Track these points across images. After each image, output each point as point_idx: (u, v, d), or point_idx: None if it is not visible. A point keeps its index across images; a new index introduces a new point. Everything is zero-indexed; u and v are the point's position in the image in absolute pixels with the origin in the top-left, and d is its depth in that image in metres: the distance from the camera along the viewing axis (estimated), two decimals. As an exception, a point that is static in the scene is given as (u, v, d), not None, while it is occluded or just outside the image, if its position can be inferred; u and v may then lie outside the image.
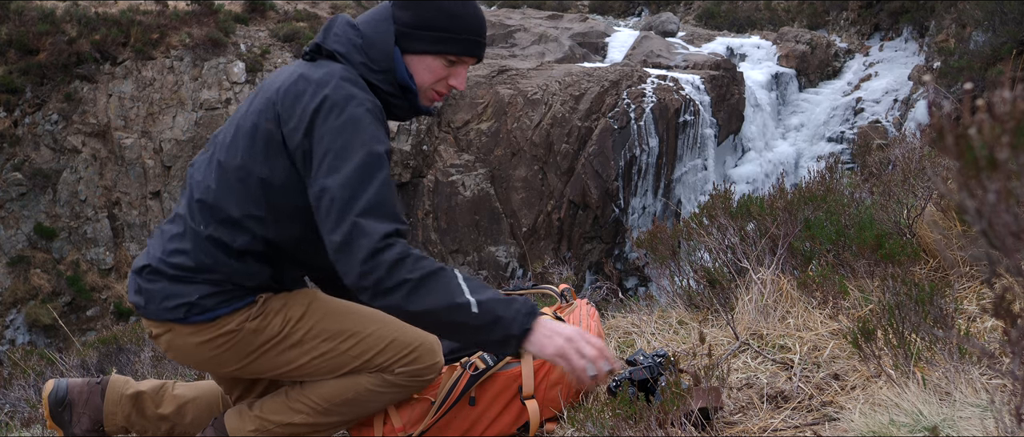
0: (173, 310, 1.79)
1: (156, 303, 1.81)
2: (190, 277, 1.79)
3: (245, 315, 1.82)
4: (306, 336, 1.85)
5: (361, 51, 1.80)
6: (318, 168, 1.66)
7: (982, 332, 2.03)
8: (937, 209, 2.51)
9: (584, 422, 1.79)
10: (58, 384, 2.13)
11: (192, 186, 1.86)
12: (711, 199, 3.21)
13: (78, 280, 11.24)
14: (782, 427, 1.74)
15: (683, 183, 11.97)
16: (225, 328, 1.81)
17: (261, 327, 1.83)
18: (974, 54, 10.09)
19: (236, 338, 1.82)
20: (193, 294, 1.78)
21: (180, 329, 1.82)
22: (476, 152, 11.75)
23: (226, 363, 1.87)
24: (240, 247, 1.79)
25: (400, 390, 1.92)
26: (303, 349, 1.85)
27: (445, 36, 1.83)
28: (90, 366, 4.51)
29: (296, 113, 1.71)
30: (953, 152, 0.74)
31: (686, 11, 18.74)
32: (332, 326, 1.87)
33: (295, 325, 1.85)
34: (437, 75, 1.86)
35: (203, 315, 1.79)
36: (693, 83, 12.10)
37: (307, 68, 1.79)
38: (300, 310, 1.87)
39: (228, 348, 1.83)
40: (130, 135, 11.71)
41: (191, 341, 1.83)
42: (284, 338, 1.84)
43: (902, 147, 3.81)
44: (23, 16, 11.74)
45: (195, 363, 1.92)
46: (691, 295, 2.87)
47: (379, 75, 1.80)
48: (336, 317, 1.89)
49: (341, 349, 1.86)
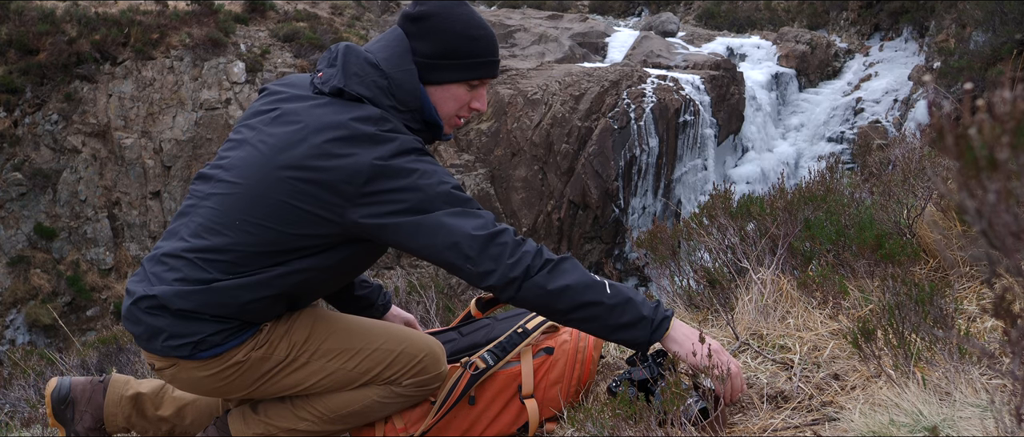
0: (178, 348, 1.73)
1: (160, 341, 1.73)
2: (198, 316, 1.72)
3: (251, 344, 1.79)
4: (313, 357, 1.84)
5: (388, 94, 1.74)
6: (415, 229, 1.64)
7: (982, 332, 2.03)
8: (937, 209, 2.51)
9: (584, 422, 1.79)
10: (61, 382, 2.14)
11: (201, 224, 1.74)
12: (711, 199, 3.21)
13: (78, 280, 11.24)
14: (782, 427, 1.74)
15: (683, 183, 11.97)
16: (232, 360, 1.78)
17: (268, 354, 1.81)
18: (974, 54, 10.09)
19: (243, 368, 1.80)
20: (200, 333, 1.72)
21: (185, 364, 1.78)
22: (476, 152, 11.75)
23: (234, 390, 1.85)
24: (259, 295, 1.73)
25: (407, 399, 1.93)
26: (310, 370, 1.84)
27: (469, 62, 1.81)
28: (90, 366, 4.50)
29: (348, 169, 1.63)
30: (953, 152, 0.74)
31: (686, 11, 18.74)
32: (338, 345, 1.85)
33: (301, 348, 1.83)
34: (461, 101, 1.85)
35: (210, 351, 1.75)
36: (693, 83, 12.10)
37: (341, 113, 1.69)
38: (304, 333, 1.84)
39: (235, 378, 1.81)
40: (130, 135, 11.71)
41: (197, 375, 1.79)
42: (291, 362, 1.83)
43: (902, 147, 3.81)
44: (23, 16, 11.74)
45: (202, 392, 1.89)
46: (691, 295, 2.86)
47: (407, 115, 1.77)
48: (341, 335, 1.86)
49: (348, 367, 1.85)
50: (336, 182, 1.64)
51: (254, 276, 1.71)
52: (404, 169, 1.64)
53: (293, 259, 1.73)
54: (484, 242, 1.65)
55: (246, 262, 1.71)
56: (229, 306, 1.72)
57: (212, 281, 1.70)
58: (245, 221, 1.70)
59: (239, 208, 1.71)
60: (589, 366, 2.11)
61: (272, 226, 1.69)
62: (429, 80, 1.80)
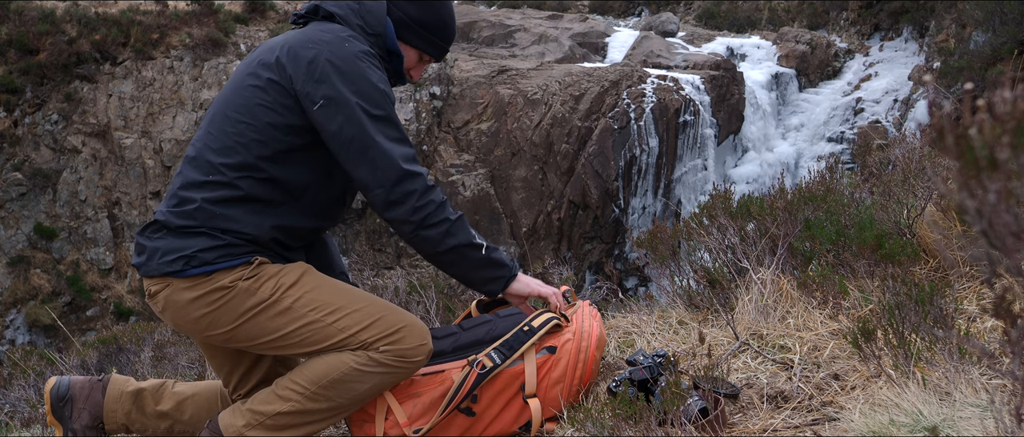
0: (172, 263, 1.83)
1: (156, 259, 1.85)
2: (193, 229, 1.84)
3: (240, 273, 1.86)
4: (295, 304, 1.87)
5: (357, 15, 1.95)
6: (346, 122, 1.80)
7: (982, 332, 2.03)
8: (937, 209, 2.51)
9: (584, 422, 1.79)
10: (61, 381, 2.17)
11: (193, 147, 1.94)
12: (711, 199, 3.21)
13: (78, 280, 11.23)
14: (782, 427, 1.74)
15: (683, 183, 11.97)
16: (219, 283, 1.84)
17: (253, 288, 1.86)
18: (974, 54, 10.09)
19: (228, 296, 1.85)
20: (193, 247, 1.83)
21: (177, 284, 1.86)
22: (476, 152, 11.74)
23: (217, 324, 1.88)
24: (245, 192, 1.85)
25: (387, 372, 1.90)
26: (291, 317, 1.87)
27: (434, 40, 2.06)
28: (90, 366, 4.50)
29: (306, 67, 1.82)
30: (953, 152, 0.74)
31: (686, 11, 18.74)
32: (321, 297, 1.90)
33: (286, 291, 1.88)
34: (409, 65, 2.07)
35: (200, 268, 1.83)
36: (693, 83, 12.10)
37: (310, 31, 1.90)
38: (293, 278, 1.90)
39: (220, 306, 1.85)
40: (130, 135, 11.71)
41: (186, 297, 1.85)
42: (274, 303, 1.86)
43: (902, 147, 3.81)
44: (23, 16, 11.73)
45: (189, 324, 1.91)
46: (691, 295, 2.86)
47: (371, 38, 1.95)
48: (327, 290, 1.92)
49: (328, 321, 1.87)
50: (296, 69, 1.84)
51: (237, 185, 1.86)
52: (357, 65, 1.83)
53: (265, 163, 1.86)
54: (403, 177, 1.83)
55: (226, 170, 1.86)
56: (218, 218, 1.84)
57: (202, 198, 1.85)
58: (223, 130, 1.88)
59: (218, 120, 1.91)
60: (591, 366, 2.11)
61: (244, 120, 1.86)
62: (399, 36, 2.02)
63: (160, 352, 4.61)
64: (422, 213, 1.84)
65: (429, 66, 12.27)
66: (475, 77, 12.08)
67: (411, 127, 11.62)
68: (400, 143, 1.85)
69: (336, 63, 1.82)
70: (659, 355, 1.95)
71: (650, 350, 2.37)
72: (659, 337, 2.60)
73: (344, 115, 1.80)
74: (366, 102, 1.82)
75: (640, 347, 2.47)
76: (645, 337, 2.62)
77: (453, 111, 12.02)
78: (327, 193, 1.98)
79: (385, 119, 1.84)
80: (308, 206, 1.95)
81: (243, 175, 1.86)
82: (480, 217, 11.52)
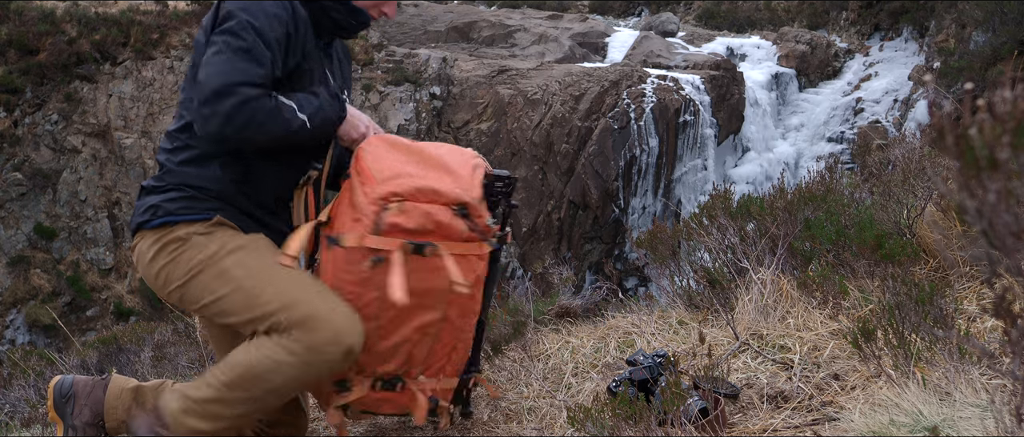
0: (143, 214, 1.95)
1: (136, 216, 1.98)
2: (162, 188, 1.95)
3: (197, 227, 1.91)
4: (233, 267, 1.88)
5: None
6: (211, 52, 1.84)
7: (982, 332, 2.03)
8: (937, 209, 2.51)
9: (584, 422, 1.79)
10: (64, 379, 2.21)
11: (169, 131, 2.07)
12: (711, 199, 3.21)
13: (78, 280, 11.24)
14: (782, 427, 1.74)
15: (683, 183, 11.97)
16: (176, 234, 1.91)
17: (204, 244, 1.90)
18: (974, 54, 10.09)
19: (182, 248, 1.90)
20: (160, 198, 1.94)
21: (145, 235, 1.96)
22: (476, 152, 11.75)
23: (170, 279, 1.93)
24: (200, 150, 1.93)
25: (299, 364, 1.81)
26: (226, 278, 1.88)
27: None
28: (90, 366, 4.51)
29: (214, 16, 1.89)
30: (953, 152, 0.74)
31: (686, 11, 18.74)
32: (259, 266, 1.90)
33: (230, 253, 1.90)
34: (366, 3, 2.02)
35: (164, 218, 1.92)
36: (693, 83, 12.10)
37: None
38: (241, 242, 1.92)
39: (173, 259, 1.91)
40: (130, 135, 11.72)
41: (151, 249, 1.94)
42: (216, 261, 1.89)
43: (902, 147, 3.81)
44: (23, 16, 11.74)
45: (152, 280, 1.99)
46: (691, 295, 2.86)
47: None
48: (267, 262, 1.91)
49: (255, 291, 1.85)
50: (210, 20, 1.91)
51: (191, 145, 1.94)
52: (238, 14, 1.83)
53: None
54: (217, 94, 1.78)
55: (178, 134, 1.97)
56: (182, 175, 1.95)
57: (167, 159, 1.97)
58: (180, 101, 2.00)
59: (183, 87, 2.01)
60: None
61: (186, 85, 1.96)
62: None
63: (160, 352, 4.60)
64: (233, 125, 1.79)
65: (430, 66, 12.29)
66: (475, 77, 12.09)
67: (411, 127, 11.62)
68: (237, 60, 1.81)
69: (236, 7, 1.84)
70: (659, 355, 1.95)
71: (650, 350, 2.37)
72: (659, 337, 2.60)
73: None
74: (230, 34, 1.81)
75: (640, 347, 2.47)
76: (645, 337, 2.62)
77: (453, 111, 12.03)
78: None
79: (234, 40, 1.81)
80: (262, 154, 1.96)
81: (192, 134, 1.93)
82: (480, 217, 11.53)
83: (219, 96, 1.76)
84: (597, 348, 2.64)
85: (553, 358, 2.65)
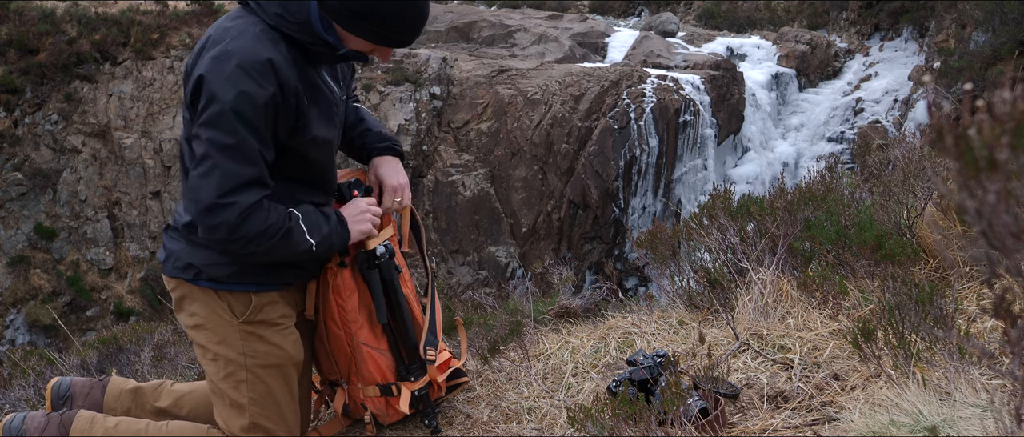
0: (184, 269, 1.97)
1: (170, 262, 2.01)
2: (192, 237, 1.95)
3: (241, 299, 1.98)
4: (234, 339, 1.97)
5: (278, 3, 1.86)
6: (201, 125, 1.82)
7: (982, 332, 2.03)
8: (937, 209, 2.52)
9: (584, 422, 1.79)
10: (62, 380, 2.24)
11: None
12: (711, 199, 3.21)
13: (78, 280, 11.23)
14: (782, 427, 1.74)
15: (683, 183, 11.97)
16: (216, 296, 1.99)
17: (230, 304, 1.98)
18: (974, 54, 10.09)
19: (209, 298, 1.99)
20: (198, 258, 1.95)
21: (183, 284, 2.01)
22: (476, 152, 11.75)
23: (194, 323, 2.04)
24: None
25: None
26: (216, 362, 1.98)
27: (380, 31, 1.90)
28: (90, 366, 4.50)
29: (193, 90, 1.84)
30: (953, 152, 0.74)
31: (686, 11, 18.74)
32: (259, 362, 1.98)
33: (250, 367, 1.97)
34: (363, 48, 1.96)
35: (207, 283, 1.96)
36: (693, 83, 12.10)
37: (212, 31, 1.90)
38: (266, 361, 1.99)
39: (200, 326, 2.00)
40: (130, 135, 11.71)
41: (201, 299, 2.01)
42: (235, 361, 1.97)
43: (902, 147, 3.81)
44: (23, 16, 11.73)
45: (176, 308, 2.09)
46: (691, 295, 2.86)
47: (294, 26, 1.86)
48: (272, 361, 2.00)
49: (234, 379, 1.96)
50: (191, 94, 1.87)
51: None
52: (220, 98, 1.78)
53: None
54: (211, 210, 1.78)
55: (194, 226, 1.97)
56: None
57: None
58: (184, 183, 1.94)
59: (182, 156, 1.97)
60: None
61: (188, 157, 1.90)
62: (339, 22, 1.88)
63: (160, 352, 4.60)
64: (235, 244, 1.83)
65: (430, 66, 12.28)
66: (475, 77, 12.08)
67: (411, 127, 11.62)
68: (226, 163, 1.79)
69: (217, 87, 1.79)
70: (659, 355, 1.95)
71: (650, 350, 2.37)
72: (659, 337, 2.60)
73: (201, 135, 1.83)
74: (214, 128, 1.78)
75: (640, 347, 2.47)
76: (645, 337, 2.62)
77: (453, 111, 12.02)
78: (298, 176, 2.00)
79: (220, 136, 1.78)
80: (292, 192, 1.98)
81: None
82: (480, 217, 11.52)
83: (215, 210, 1.78)
84: (597, 348, 2.64)
85: (553, 358, 2.65)
